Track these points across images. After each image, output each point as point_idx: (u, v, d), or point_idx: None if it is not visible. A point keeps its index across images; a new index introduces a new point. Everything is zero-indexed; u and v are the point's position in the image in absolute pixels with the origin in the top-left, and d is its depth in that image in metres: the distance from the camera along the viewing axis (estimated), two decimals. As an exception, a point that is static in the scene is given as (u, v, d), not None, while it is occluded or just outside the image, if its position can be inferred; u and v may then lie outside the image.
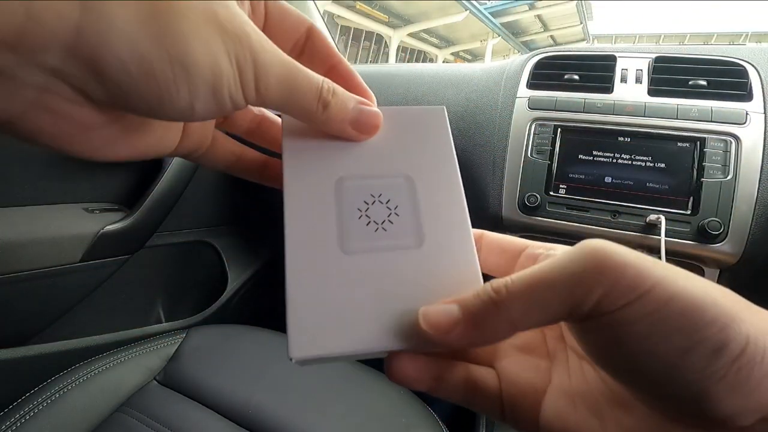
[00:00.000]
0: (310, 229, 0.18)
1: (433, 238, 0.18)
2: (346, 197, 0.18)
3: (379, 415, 0.50)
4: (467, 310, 0.15)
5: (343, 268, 0.17)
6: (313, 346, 0.16)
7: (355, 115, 0.19)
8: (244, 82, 0.16)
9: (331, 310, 0.16)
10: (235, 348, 0.59)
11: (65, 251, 0.64)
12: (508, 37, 14.81)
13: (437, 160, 0.20)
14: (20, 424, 0.45)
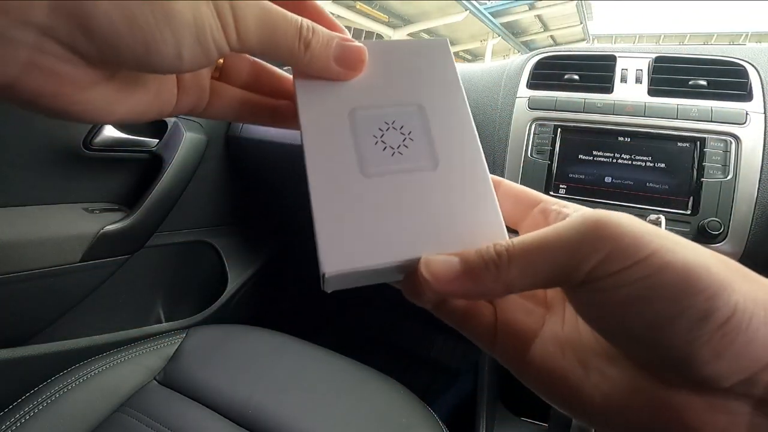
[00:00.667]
0: (330, 156, 0.18)
1: (447, 160, 0.19)
2: (361, 125, 0.19)
3: (379, 415, 0.50)
4: (468, 265, 0.16)
5: (364, 190, 0.18)
6: (345, 261, 0.17)
7: (339, 52, 0.19)
8: (225, 26, 0.16)
9: (358, 227, 0.17)
10: (235, 348, 0.59)
11: (65, 251, 0.64)
12: (508, 37, 14.82)
13: (445, 90, 0.21)
14: (20, 424, 0.45)
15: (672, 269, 0.13)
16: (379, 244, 0.17)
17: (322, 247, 0.17)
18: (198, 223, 0.90)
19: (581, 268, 0.14)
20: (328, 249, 0.17)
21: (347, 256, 0.17)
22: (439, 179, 0.19)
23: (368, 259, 0.17)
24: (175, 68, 0.16)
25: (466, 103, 0.21)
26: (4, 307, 0.61)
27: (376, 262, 0.17)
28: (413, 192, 0.18)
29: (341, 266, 0.17)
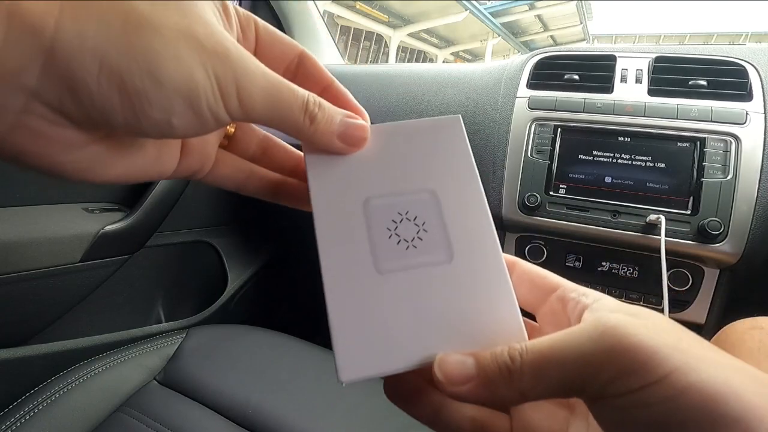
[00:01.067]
0: (344, 252, 0.18)
1: (463, 252, 0.19)
2: (374, 217, 0.19)
3: (379, 415, 0.50)
4: (482, 369, 0.16)
5: (380, 289, 0.18)
6: (361, 368, 0.17)
7: (343, 129, 0.19)
8: (225, 95, 0.16)
9: (374, 330, 0.17)
10: (235, 348, 0.59)
11: (65, 251, 0.64)
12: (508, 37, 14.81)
13: (458, 172, 0.20)
14: (20, 424, 0.45)
15: (696, 392, 0.13)
16: (394, 350, 0.17)
17: (338, 353, 0.17)
18: (198, 223, 0.90)
19: (595, 383, 0.14)
20: (345, 356, 0.17)
21: (364, 363, 0.17)
22: (455, 274, 0.18)
23: (384, 366, 0.17)
24: (167, 134, 0.16)
25: (480, 185, 0.20)
26: (4, 307, 0.61)
27: (392, 368, 0.17)
28: (428, 289, 0.18)
29: (358, 374, 0.17)
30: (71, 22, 0.13)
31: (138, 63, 0.14)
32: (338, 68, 0.91)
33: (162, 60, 0.15)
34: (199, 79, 0.15)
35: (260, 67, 0.17)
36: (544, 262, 0.61)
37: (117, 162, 0.18)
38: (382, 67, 0.84)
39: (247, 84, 0.16)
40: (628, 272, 0.58)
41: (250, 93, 0.16)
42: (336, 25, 9.91)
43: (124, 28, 0.14)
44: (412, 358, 0.17)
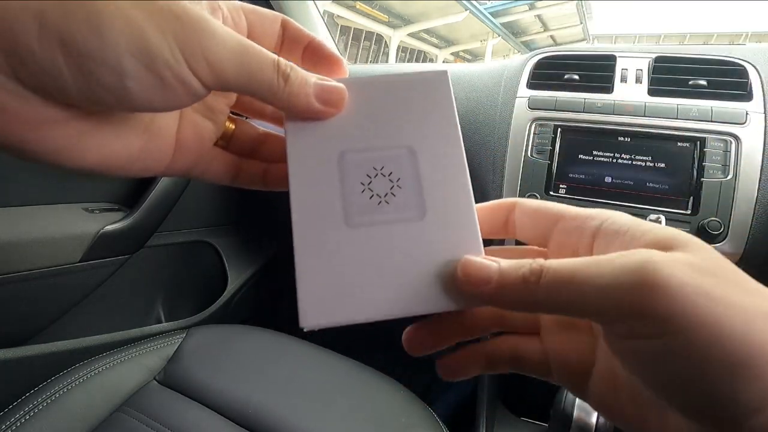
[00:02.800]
0: (316, 205, 0.18)
1: (435, 211, 0.19)
2: (348, 171, 0.19)
3: (379, 415, 0.50)
4: (502, 276, 0.16)
5: (348, 242, 0.18)
6: (323, 315, 0.17)
7: (319, 88, 0.19)
8: (191, 59, 0.16)
9: (338, 280, 0.17)
10: (235, 348, 0.59)
11: (65, 251, 0.64)
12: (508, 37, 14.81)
13: (440, 130, 0.20)
14: (20, 424, 0.45)
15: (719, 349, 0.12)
16: (358, 301, 0.17)
17: (302, 301, 0.17)
18: (198, 223, 0.90)
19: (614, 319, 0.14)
20: (308, 303, 0.17)
21: (326, 311, 0.17)
22: (425, 231, 0.18)
23: (346, 315, 0.17)
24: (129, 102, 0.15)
25: (460, 144, 0.20)
26: (4, 307, 0.61)
27: (353, 318, 0.17)
28: (397, 245, 0.18)
29: (319, 321, 0.17)
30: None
31: (80, 20, 0.14)
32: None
33: (106, 17, 0.14)
34: (150, 37, 0.15)
35: (228, 31, 0.17)
36: (544, 262, 0.60)
37: (95, 146, 0.17)
38: (382, 68, 0.84)
39: (214, 47, 0.16)
40: (628, 272, 0.58)
41: (219, 56, 0.16)
42: (336, 25, 9.90)
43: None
44: (375, 310, 0.17)
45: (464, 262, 0.17)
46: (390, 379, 0.57)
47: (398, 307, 0.17)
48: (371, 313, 0.17)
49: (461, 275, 0.17)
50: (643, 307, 0.13)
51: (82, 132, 0.17)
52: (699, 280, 0.13)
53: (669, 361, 0.13)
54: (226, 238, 0.95)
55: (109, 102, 0.15)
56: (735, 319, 0.12)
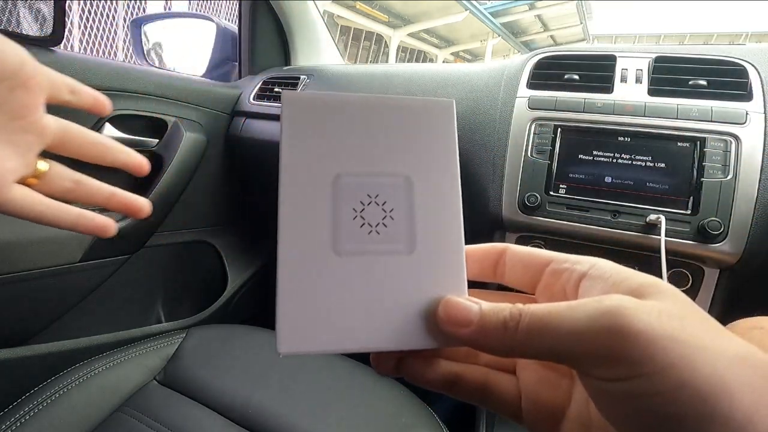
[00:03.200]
0: (305, 227, 0.18)
1: (424, 246, 0.18)
2: (342, 195, 0.18)
3: (379, 415, 0.50)
4: (482, 318, 0.16)
5: (333, 270, 0.18)
6: (300, 343, 0.17)
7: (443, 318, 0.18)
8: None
9: (320, 308, 0.17)
10: (235, 348, 0.59)
11: (65, 251, 0.64)
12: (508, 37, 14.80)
13: (439, 162, 0.19)
14: (20, 424, 0.45)
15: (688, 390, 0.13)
16: (337, 331, 0.17)
17: (280, 325, 0.17)
18: (198, 223, 0.90)
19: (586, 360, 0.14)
20: (286, 329, 0.17)
21: (304, 338, 0.17)
22: (412, 266, 0.18)
23: (324, 345, 0.17)
24: None
25: (458, 179, 0.19)
26: (4, 307, 0.61)
27: (330, 348, 0.17)
28: (382, 278, 0.18)
29: (296, 347, 0.17)
30: None
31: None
32: (338, 68, 0.91)
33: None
34: None
35: None
36: (544, 262, 0.60)
37: None
38: (382, 67, 0.84)
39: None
40: (628, 272, 0.58)
41: None
42: (336, 25, 9.90)
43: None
44: (353, 342, 0.17)
45: (446, 302, 0.17)
46: (390, 379, 0.57)
47: (377, 341, 0.17)
48: (349, 344, 0.17)
49: (442, 314, 0.17)
50: (614, 351, 0.13)
51: None
52: (667, 325, 0.13)
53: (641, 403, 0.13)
54: (226, 238, 0.95)
55: None
56: (702, 361, 0.13)
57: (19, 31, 0.59)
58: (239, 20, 1.01)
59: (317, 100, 0.19)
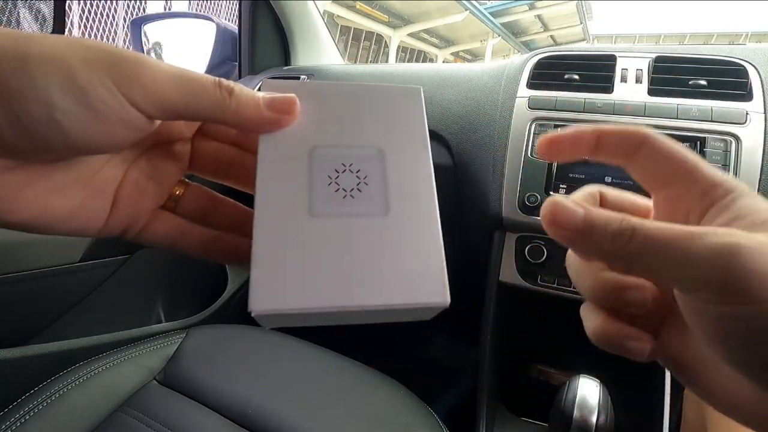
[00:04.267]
0: (280, 193, 0.18)
1: (398, 208, 0.19)
2: (317, 164, 0.19)
3: (379, 415, 0.50)
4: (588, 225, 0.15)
5: (308, 230, 0.18)
6: (273, 301, 0.16)
7: (268, 98, 0.18)
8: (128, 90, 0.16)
9: (295, 268, 0.17)
10: (235, 348, 0.59)
11: (65, 251, 0.64)
12: (508, 37, 14.81)
13: (410, 137, 0.20)
14: (20, 423, 0.45)
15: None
16: (312, 289, 0.17)
17: (254, 284, 0.16)
18: (198, 223, 0.90)
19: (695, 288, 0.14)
20: (259, 287, 0.16)
21: (278, 296, 0.16)
22: (387, 227, 0.18)
23: (299, 303, 0.16)
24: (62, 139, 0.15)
25: (428, 151, 0.20)
26: (4, 307, 0.61)
27: (306, 306, 0.16)
28: (358, 237, 0.18)
29: (269, 306, 0.16)
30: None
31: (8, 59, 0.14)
32: (338, 68, 0.91)
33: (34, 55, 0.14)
34: (79, 71, 0.15)
35: (163, 62, 0.17)
36: (543, 262, 0.61)
37: (31, 201, 0.17)
38: (382, 67, 0.84)
39: (151, 75, 0.16)
40: (628, 272, 0.58)
41: (157, 83, 0.16)
42: (336, 25, 9.90)
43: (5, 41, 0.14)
44: (328, 300, 0.17)
45: (552, 201, 0.16)
46: (390, 379, 0.57)
47: (351, 298, 0.17)
48: (324, 301, 0.17)
49: (545, 213, 0.16)
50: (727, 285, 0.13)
51: (20, 184, 0.16)
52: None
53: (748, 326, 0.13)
54: (226, 238, 0.95)
55: (44, 142, 0.15)
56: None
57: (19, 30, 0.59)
58: (239, 20, 1.01)
59: (295, 85, 0.20)
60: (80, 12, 4.26)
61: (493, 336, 0.68)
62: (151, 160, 0.21)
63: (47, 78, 0.14)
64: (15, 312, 0.62)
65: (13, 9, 0.59)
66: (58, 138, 0.15)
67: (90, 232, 0.19)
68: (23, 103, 0.14)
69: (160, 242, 0.22)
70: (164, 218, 0.22)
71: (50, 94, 0.15)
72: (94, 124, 0.16)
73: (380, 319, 0.18)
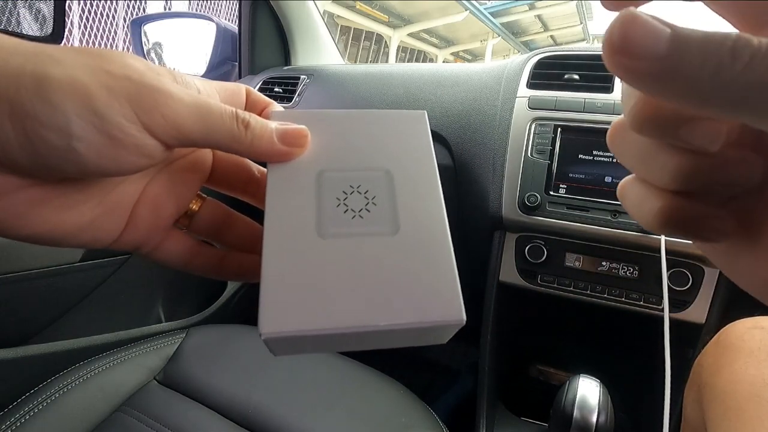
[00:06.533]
0: (289, 215, 0.18)
1: (408, 227, 0.19)
2: (326, 187, 0.19)
3: (379, 415, 0.50)
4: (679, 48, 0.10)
5: (318, 251, 0.18)
6: (283, 323, 0.16)
7: (281, 131, 0.19)
8: (148, 118, 0.16)
9: (304, 289, 0.17)
10: (235, 348, 0.59)
11: (65, 251, 0.64)
12: (508, 37, 14.81)
13: (416, 159, 0.20)
14: (20, 424, 0.45)
15: None
16: (322, 310, 0.16)
17: (263, 306, 0.16)
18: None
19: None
20: (269, 309, 0.16)
21: (288, 319, 0.16)
22: (397, 246, 0.18)
23: (308, 325, 0.16)
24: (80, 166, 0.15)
25: (436, 171, 0.20)
26: (4, 307, 0.61)
27: (318, 327, 0.16)
28: (368, 256, 0.18)
29: (280, 328, 0.16)
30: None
31: (26, 83, 0.14)
32: (338, 68, 0.91)
33: (53, 80, 0.14)
34: (98, 98, 0.15)
35: (184, 90, 0.17)
36: (543, 262, 0.61)
37: (44, 217, 0.17)
38: (382, 67, 0.84)
39: (171, 104, 0.16)
40: (628, 272, 0.58)
41: (176, 110, 0.16)
42: (336, 25, 9.90)
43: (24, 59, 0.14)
44: (341, 321, 0.16)
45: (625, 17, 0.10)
46: (390, 379, 0.57)
47: (364, 318, 0.16)
48: (336, 322, 0.16)
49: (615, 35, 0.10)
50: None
51: (33, 202, 0.16)
52: None
53: None
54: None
55: (59, 167, 0.15)
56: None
57: (19, 30, 0.59)
58: (239, 20, 1.01)
59: (302, 114, 0.20)
60: (80, 12, 4.26)
61: (493, 336, 0.68)
62: (171, 173, 0.21)
63: (66, 104, 0.14)
64: (15, 312, 0.62)
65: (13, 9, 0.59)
66: (72, 164, 0.15)
67: (100, 246, 0.19)
68: (39, 129, 0.14)
69: (173, 262, 0.21)
70: (177, 238, 0.21)
71: (69, 122, 0.14)
72: (110, 151, 0.15)
73: (394, 343, 0.18)
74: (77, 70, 0.15)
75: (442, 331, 0.18)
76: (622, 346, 0.78)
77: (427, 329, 0.17)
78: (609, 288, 0.58)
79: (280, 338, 0.16)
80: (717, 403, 0.36)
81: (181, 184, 0.21)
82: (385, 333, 0.17)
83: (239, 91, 0.21)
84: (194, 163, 0.21)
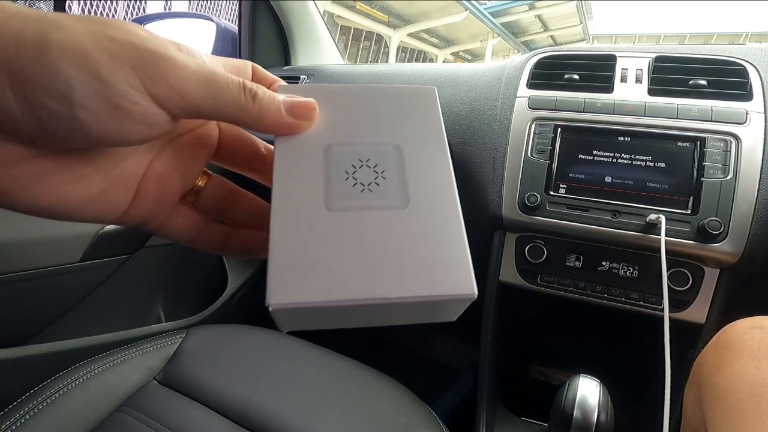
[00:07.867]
0: (297, 188, 0.18)
1: (418, 200, 0.18)
2: (334, 161, 0.19)
3: (379, 415, 0.50)
4: None
5: (326, 223, 0.17)
6: (291, 294, 0.16)
7: (289, 103, 0.19)
8: (153, 86, 0.15)
9: (313, 261, 0.16)
10: (235, 348, 0.59)
11: (65, 251, 0.64)
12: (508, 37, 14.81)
13: (426, 134, 0.20)
14: (20, 423, 0.45)
15: None
16: (331, 282, 0.16)
17: (271, 278, 0.16)
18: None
19: None
20: (277, 280, 0.16)
21: (295, 291, 0.16)
22: (408, 219, 0.18)
23: (316, 296, 0.16)
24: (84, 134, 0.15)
25: (446, 147, 0.20)
26: (4, 307, 0.61)
27: (326, 299, 0.16)
28: (378, 229, 0.17)
29: (288, 299, 0.15)
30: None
31: (27, 49, 0.13)
32: (338, 68, 0.91)
33: (55, 46, 0.14)
34: (102, 65, 0.14)
35: (190, 59, 0.16)
36: (544, 262, 0.61)
37: (50, 189, 0.16)
38: (382, 67, 0.84)
39: (177, 72, 0.16)
40: (628, 272, 0.58)
41: (182, 78, 0.16)
42: (336, 25, 9.89)
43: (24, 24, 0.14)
44: (350, 293, 0.16)
45: None
46: (390, 379, 0.57)
47: (374, 290, 0.16)
48: (345, 293, 0.16)
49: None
50: None
51: (38, 174, 0.16)
52: None
53: None
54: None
55: (63, 136, 0.15)
56: None
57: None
58: (239, 20, 1.01)
59: (310, 88, 0.20)
60: (80, 12, 4.26)
61: (493, 336, 0.68)
62: (177, 148, 0.20)
63: (68, 70, 0.14)
64: (15, 312, 0.62)
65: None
66: (75, 132, 0.15)
67: (107, 221, 0.19)
68: (40, 95, 0.14)
69: (179, 237, 0.21)
70: (184, 213, 0.21)
71: (71, 89, 0.14)
72: (114, 120, 0.15)
73: (403, 319, 0.18)
74: (80, 35, 0.14)
75: (452, 306, 0.17)
76: (622, 346, 0.77)
77: (437, 303, 0.17)
78: (609, 288, 0.58)
79: (287, 310, 0.16)
80: (717, 402, 0.36)
81: (187, 159, 0.21)
82: (394, 307, 0.16)
83: (245, 67, 0.21)
84: (200, 138, 0.21)
